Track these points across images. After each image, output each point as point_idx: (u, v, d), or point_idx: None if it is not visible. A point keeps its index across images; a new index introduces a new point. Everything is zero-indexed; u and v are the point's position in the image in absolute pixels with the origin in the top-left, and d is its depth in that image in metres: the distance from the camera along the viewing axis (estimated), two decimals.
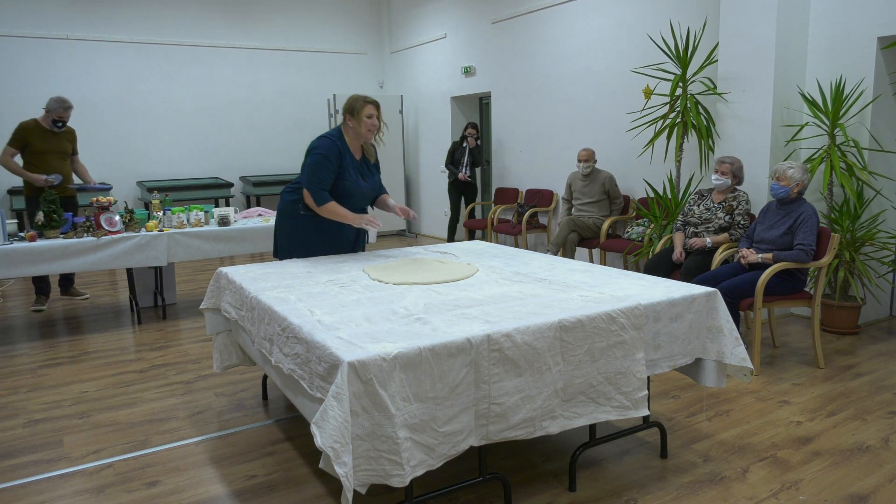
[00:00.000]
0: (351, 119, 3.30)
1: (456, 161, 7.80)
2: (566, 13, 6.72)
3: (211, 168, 9.06)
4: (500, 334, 2.02)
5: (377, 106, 3.31)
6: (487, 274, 2.90)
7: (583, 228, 5.86)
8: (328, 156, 3.23)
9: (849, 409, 3.15)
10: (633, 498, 2.39)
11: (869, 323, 4.59)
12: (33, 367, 4.03)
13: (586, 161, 5.92)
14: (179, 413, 3.27)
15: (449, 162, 7.84)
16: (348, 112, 3.30)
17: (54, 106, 5.12)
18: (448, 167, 7.85)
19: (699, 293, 2.50)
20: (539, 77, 7.21)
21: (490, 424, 2.04)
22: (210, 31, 8.87)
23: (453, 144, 7.88)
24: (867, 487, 2.44)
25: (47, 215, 4.50)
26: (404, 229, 9.67)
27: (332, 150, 3.25)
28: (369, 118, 3.28)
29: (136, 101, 8.48)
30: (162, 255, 4.67)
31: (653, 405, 3.23)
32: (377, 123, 3.32)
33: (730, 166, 4.18)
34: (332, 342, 1.93)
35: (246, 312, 2.68)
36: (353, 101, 3.30)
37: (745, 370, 2.59)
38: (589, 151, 5.95)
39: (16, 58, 7.74)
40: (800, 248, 3.62)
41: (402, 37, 9.74)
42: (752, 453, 2.72)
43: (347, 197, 3.33)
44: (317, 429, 1.80)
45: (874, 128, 4.36)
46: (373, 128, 3.31)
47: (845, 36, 4.38)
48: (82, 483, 2.59)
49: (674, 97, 5.02)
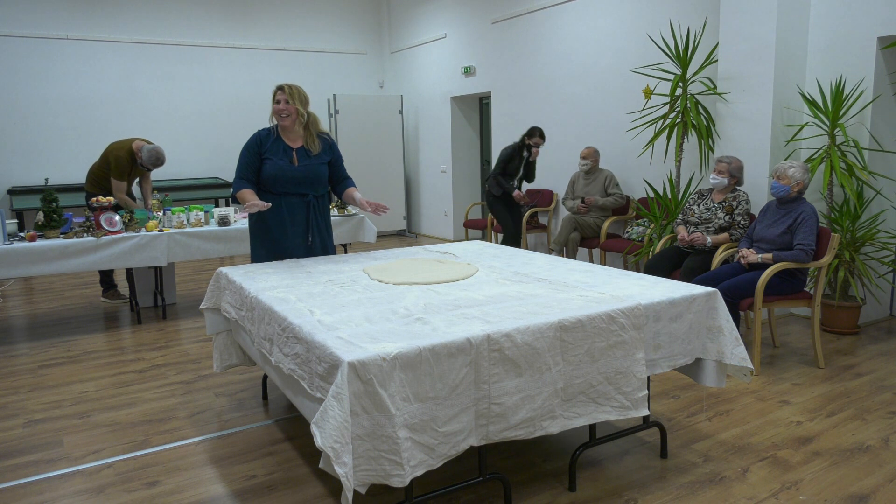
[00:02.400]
0: None
1: (510, 173, 6.21)
2: (566, 13, 6.72)
3: (211, 168, 9.05)
4: (500, 334, 2.02)
5: (283, 90, 3.32)
6: (487, 274, 2.90)
7: (584, 227, 5.87)
8: (247, 145, 3.38)
9: (849, 409, 3.15)
10: (633, 498, 2.39)
11: (869, 323, 4.59)
12: (33, 367, 4.03)
13: (585, 158, 5.94)
14: (179, 413, 3.27)
15: (500, 172, 6.18)
16: None
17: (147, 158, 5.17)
18: (497, 178, 6.17)
19: (699, 293, 2.50)
20: (539, 77, 7.21)
21: (490, 424, 2.04)
22: (210, 31, 8.87)
23: (510, 151, 6.15)
24: (867, 487, 2.44)
25: (47, 215, 4.50)
26: (404, 229, 9.67)
27: (252, 140, 3.38)
28: (276, 104, 3.33)
29: (136, 101, 8.48)
30: (162, 255, 4.67)
31: (653, 405, 3.23)
32: (283, 107, 3.32)
33: (727, 165, 4.18)
34: (332, 342, 1.93)
35: (246, 312, 2.68)
36: None
37: (745, 370, 2.58)
38: (591, 150, 5.97)
39: (16, 58, 7.74)
40: (800, 247, 3.62)
41: (402, 37, 9.74)
42: (752, 453, 2.72)
43: (272, 181, 3.37)
44: (317, 429, 1.80)
45: (874, 128, 4.36)
46: (279, 112, 3.32)
47: (845, 36, 4.38)
48: (82, 483, 2.59)
49: (674, 97, 5.02)
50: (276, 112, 3.34)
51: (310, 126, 3.43)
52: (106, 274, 5.69)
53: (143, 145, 5.13)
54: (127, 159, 5.13)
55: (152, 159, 5.12)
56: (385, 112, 9.26)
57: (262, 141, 3.38)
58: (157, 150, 5.13)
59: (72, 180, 8.00)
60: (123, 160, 5.11)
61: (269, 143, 3.38)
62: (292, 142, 3.43)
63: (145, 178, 5.52)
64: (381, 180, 9.30)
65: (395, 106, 9.30)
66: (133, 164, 5.19)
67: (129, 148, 5.15)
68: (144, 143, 5.16)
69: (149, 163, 5.12)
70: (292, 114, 3.34)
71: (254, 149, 3.37)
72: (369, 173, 9.11)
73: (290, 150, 3.41)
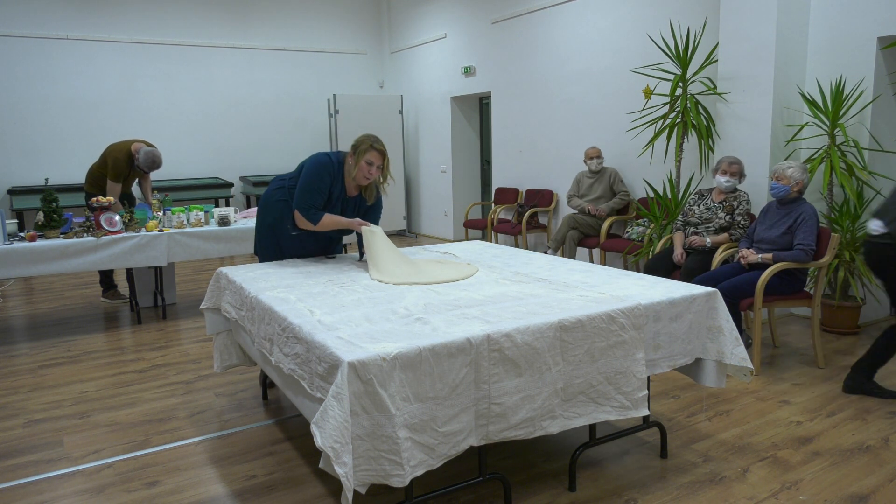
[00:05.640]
0: (352, 157, 3.10)
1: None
2: (566, 13, 6.72)
3: (211, 168, 9.06)
4: (500, 334, 2.02)
5: (383, 156, 3.07)
6: (487, 274, 2.90)
7: (584, 226, 5.87)
8: (320, 178, 3.09)
9: (849, 409, 3.15)
10: (633, 498, 2.39)
11: (869, 323, 4.59)
12: (33, 367, 4.03)
13: (598, 157, 5.97)
14: (179, 413, 3.27)
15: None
16: (353, 148, 3.10)
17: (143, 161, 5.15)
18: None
19: (699, 293, 2.50)
20: (539, 77, 7.21)
21: (490, 424, 2.04)
22: (210, 31, 8.87)
23: None
24: (867, 487, 2.44)
25: (47, 215, 4.50)
26: (404, 229, 9.67)
27: (325, 174, 3.11)
28: (368, 165, 3.06)
29: (136, 101, 8.48)
30: (162, 255, 4.67)
31: (653, 405, 3.23)
32: (375, 174, 3.09)
33: (739, 167, 4.18)
34: (332, 342, 1.93)
35: (246, 312, 2.68)
36: (363, 139, 3.08)
37: (745, 370, 2.58)
38: (597, 149, 6.01)
39: (16, 58, 7.74)
40: (800, 247, 3.62)
41: (402, 37, 9.74)
42: (752, 453, 2.72)
43: None
44: (317, 429, 1.80)
45: (874, 128, 4.36)
46: (369, 176, 3.09)
47: (845, 36, 4.38)
48: (82, 483, 2.59)
49: (674, 97, 5.02)
50: (364, 174, 3.07)
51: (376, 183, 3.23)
52: (106, 274, 5.70)
53: (141, 147, 5.13)
54: (125, 161, 5.13)
55: (148, 162, 5.11)
56: (385, 112, 9.26)
57: (333, 180, 3.13)
58: (153, 152, 5.13)
59: (72, 180, 8.00)
60: (121, 162, 5.11)
61: (336, 188, 3.16)
62: (350, 190, 3.22)
63: (144, 178, 5.52)
64: None
65: (395, 106, 9.30)
66: (131, 166, 5.19)
67: (128, 150, 5.15)
68: (143, 145, 5.15)
69: (145, 165, 5.12)
70: (376, 179, 3.14)
71: (327, 187, 3.11)
72: None
73: (345, 199, 3.23)
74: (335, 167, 3.15)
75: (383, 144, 3.11)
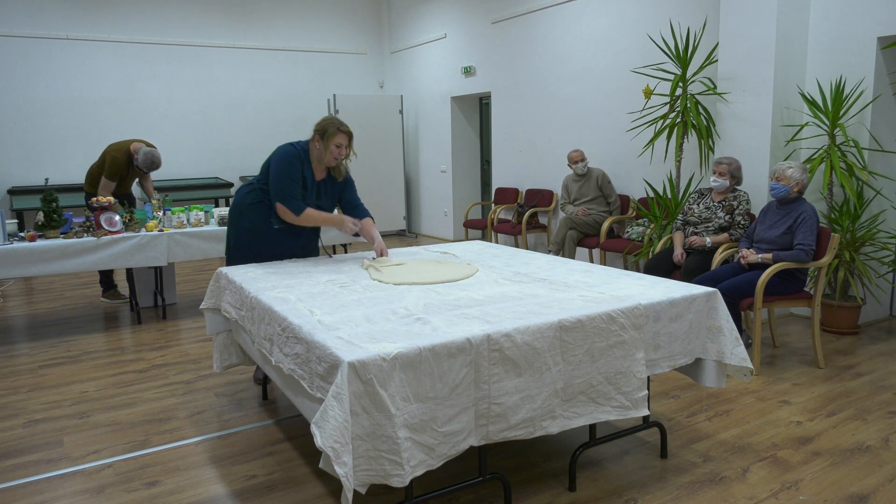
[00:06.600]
0: (319, 142, 3.19)
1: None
2: (566, 13, 6.72)
3: (211, 168, 9.05)
4: (500, 334, 2.02)
5: (349, 136, 3.20)
6: (487, 274, 2.90)
7: (582, 226, 5.87)
8: (291, 164, 3.18)
9: (849, 409, 3.15)
10: (633, 498, 2.39)
11: (869, 323, 4.59)
12: (33, 367, 4.03)
13: (582, 161, 5.95)
14: (179, 413, 3.27)
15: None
16: (318, 134, 3.19)
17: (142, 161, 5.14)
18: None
19: (699, 293, 2.50)
20: (539, 77, 7.21)
21: (490, 424, 2.04)
22: (210, 31, 8.86)
23: None
24: (867, 487, 2.44)
25: (47, 215, 4.50)
26: (404, 229, 9.67)
27: (294, 161, 3.19)
28: (337, 147, 3.19)
29: (136, 101, 8.48)
30: (162, 255, 4.67)
31: (653, 405, 3.23)
32: (344, 153, 3.23)
33: (727, 167, 4.18)
34: (332, 342, 1.93)
35: (246, 312, 2.68)
36: (327, 124, 3.19)
37: (745, 370, 2.58)
38: (580, 152, 6.00)
39: (16, 58, 7.74)
40: (800, 247, 3.62)
41: (402, 37, 9.74)
42: (752, 453, 2.72)
43: None
44: (317, 429, 1.80)
45: (874, 128, 4.36)
46: (339, 157, 3.22)
47: (845, 36, 4.38)
48: (82, 483, 2.59)
49: (674, 97, 5.02)
50: (334, 156, 3.20)
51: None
52: (106, 274, 5.69)
53: (141, 147, 5.13)
54: (123, 161, 5.12)
55: (147, 162, 5.11)
56: (385, 112, 9.26)
57: (303, 167, 3.23)
58: (152, 153, 5.12)
59: (72, 180, 8.00)
60: (119, 161, 5.10)
61: (306, 173, 3.25)
62: (318, 173, 3.32)
63: (145, 177, 5.52)
64: (381, 180, 9.30)
65: (395, 106, 9.30)
66: (130, 166, 5.19)
67: (127, 150, 5.15)
68: (143, 145, 5.15)
69: (144, 165, 5.12)
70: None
71: (299, 174, 3.21)
72: (369, 173, 9.11)
73: (314, 184, 3.30)
74: (302, 154, 3.25)
75: (347, 125, 3.23)
